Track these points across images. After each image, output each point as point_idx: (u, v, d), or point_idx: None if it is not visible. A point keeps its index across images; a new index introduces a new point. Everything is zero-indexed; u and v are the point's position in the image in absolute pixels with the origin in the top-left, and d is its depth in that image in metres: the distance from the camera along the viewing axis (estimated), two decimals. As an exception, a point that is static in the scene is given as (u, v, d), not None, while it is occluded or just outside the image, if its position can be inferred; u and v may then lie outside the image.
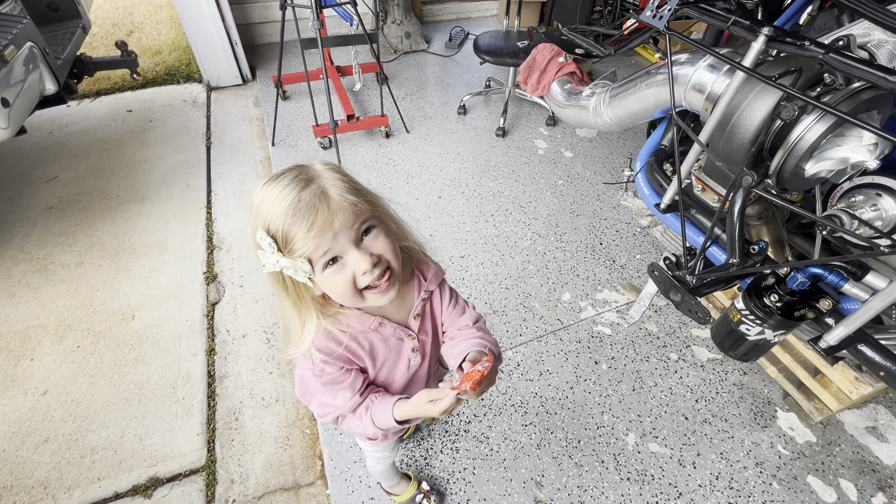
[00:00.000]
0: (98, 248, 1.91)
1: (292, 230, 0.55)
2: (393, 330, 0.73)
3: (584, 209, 2.13)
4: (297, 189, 0.55)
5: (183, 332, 1.63)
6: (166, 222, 2.01)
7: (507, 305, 1.72)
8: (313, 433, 1.40)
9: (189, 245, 1.92)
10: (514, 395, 1.47)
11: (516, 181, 2.28)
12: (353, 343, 0.70)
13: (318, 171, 0.59)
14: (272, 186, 0.56)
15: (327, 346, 0.69)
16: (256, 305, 1.72)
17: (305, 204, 0.55)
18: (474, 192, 2.21)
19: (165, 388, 1.49)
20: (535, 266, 1.87)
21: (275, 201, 0.55)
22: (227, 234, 1.98)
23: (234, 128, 2.56)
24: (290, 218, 0.55)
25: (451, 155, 2.41)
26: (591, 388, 1.49)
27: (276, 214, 0.55)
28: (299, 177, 0.57)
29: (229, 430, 1.40)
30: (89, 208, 2.08)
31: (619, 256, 1.92)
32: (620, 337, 1.63)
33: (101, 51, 3.15)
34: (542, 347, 1.59)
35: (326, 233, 0.56)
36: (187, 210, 2.07)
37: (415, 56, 3.26)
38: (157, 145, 2.42)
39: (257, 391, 1.49)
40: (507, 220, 2.07)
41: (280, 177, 0.57)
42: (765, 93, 0.90)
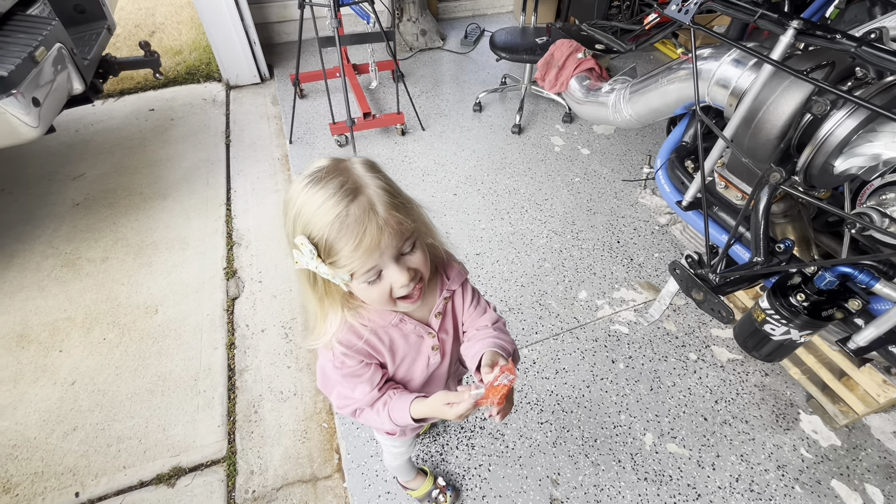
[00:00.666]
0: (122, 243, 1.96)
1: (338, 244, 0.54)
2: (413, 327, 0.73)
3: (602, 207, 2.11)
4: (344, 200, 0.53)
5: (204, 326, 1.66)
6: (187, 219, 2.05)
7: (522, 303, 1.72)
8: (331, 427, 1.42)
9: (209, 241, 1.96)
10: (530, 392, 1.46)
11: (532, 178, 2.26)
12: (374, 337, 0.71)
13: (361, 176, 0.57)
14: (316, 191, 0.54)
15: (348, 339, 0.69)
16: (275, 301, 1.75)
17: (354, 220, 0.53)
18: (490, 189, 2.20)
19: (187, 380, 1.52)
20: (551, 264, 1.86)
21: (319, 209, 0.54)
22: (246, 231, 2.01)
23: (253, 126, 2.60)
24: (337, 232, 0.54)
25: (467, 152, 2.41)
26: (607, 386, 1.48)
27: (320, 224, 0.54)
28: (346, 186, 0.54)
29: (249, 422, 1.43)
30: (114, 205, 2.13)
31: (636, 254, 1.90)
32: (638, 336, 1.61)
33: (125, 51, 3.22)
34: (558, 345, 1.59)
35: (374, 253, 0.56)
36: (207, 207, 2.11)
37: (430, 53, 3.26)
38: (178, 143, 2.47)
39: (276, 385, 1.51)
40: (522, 217, 2.06)
41: (324, 181, 0.55)
42: (793, 87, 0.88)
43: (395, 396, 0.74)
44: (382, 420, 0.74)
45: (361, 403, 0.74)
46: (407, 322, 0.72)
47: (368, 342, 0.71)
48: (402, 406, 0.72)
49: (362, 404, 0.75)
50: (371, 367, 0.73)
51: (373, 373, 0.73)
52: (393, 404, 0.73)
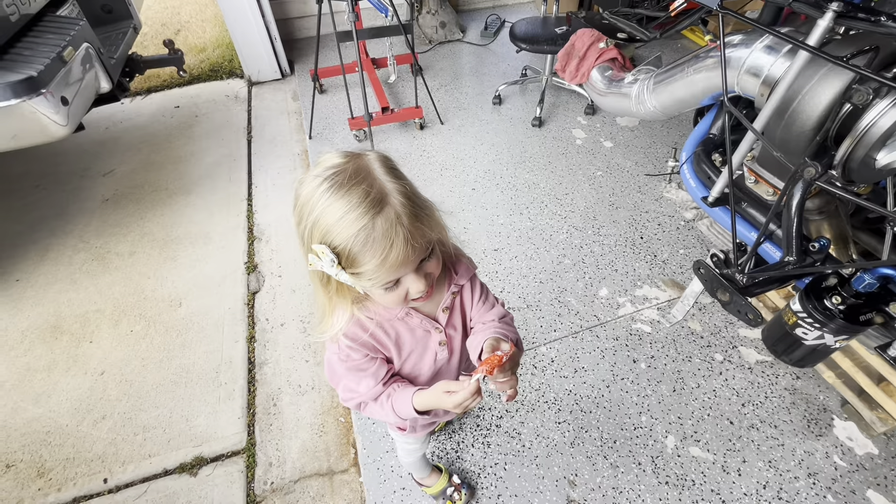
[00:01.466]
0: (149, 238, 2.02)
1: (362, 257, 0.53)
2: (420, 321, 0.72)
3: (624, 201, 2.06)
4: (369, 213, 0.51)
5: (225, 320, 1.70)
6: (210, 214, 2.10)
7: (541, 300, 1.70)
8: (347, 421, 1.43)
9: (231, 236, 1.99)
10: (548, 391, 1.44)
11: (552, 172, 2.23)
12: (379, 331, 0.71)
13: (384, 182, 0.54)
14: (337, 199, 0.51)
15: (353, 332, 0.69)
16: (294, 295, 1.77)
17: (381, 234, 0.52)
18: (509, 183, 2.17)
19: (209, 372, 1.56)
20: (571, 260, 1.83)
21: (342, 220, 0.51)
22: (267, 226, 2.04)
23: (274, 122, 2.63)
24: (362, 245, 0.52)
25: (486, 146, 2.39)
26: (628, 387, 1.44)
27: (344, 235, 0.52)
28: (371, 196, 0.52)
29: (268, 415, 1.46)
30: (141, 200, 2.19)
31: (660, 251, 1.85)
32: (661, 335, 1.57)
33: (152, 49, 3.30)
34: (578, 344, 1.56)
35: (399, 268, 0.55)
36: (230, 202, 2.15)
37: (450, 46, 3.23)
38: (202, 140, 2.52)
39: (294, 379, 1.54)
40: (542, 212, 2.03)
41: (346, 187, 0.52)
42: (831, 75, 0.82)
43: (398, 389, 0.74)
44: (386, 413, 0.74)
45: (366, 397, 0.75)
46: (413, 316, 0.72)
47: (374, 335, 0.71)
48: (404, 398, 0.72)
49: (366, 398, 0.75)
50: (376, 362, 0.73)
51: (378, 367, 0.73)
52: (396, 397, 0.73)
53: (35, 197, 2.24)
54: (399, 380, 0.77)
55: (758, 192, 1.12)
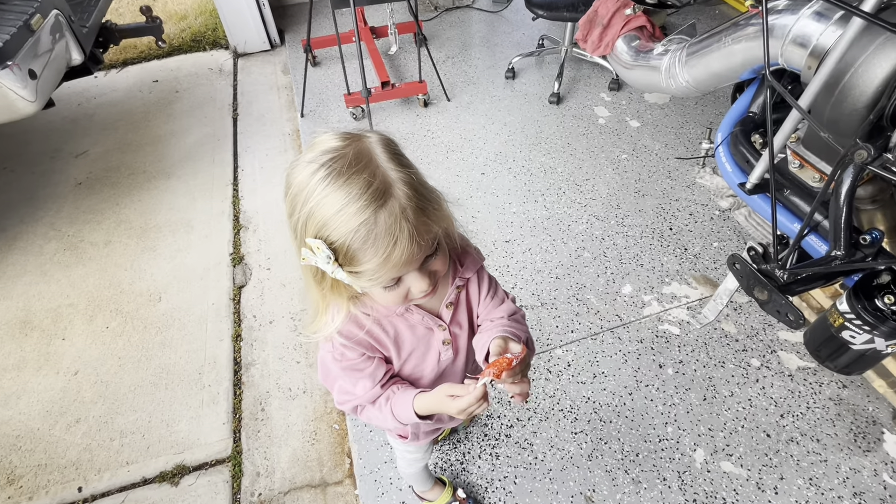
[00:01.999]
0: (125, 226, 2.04)
1: (362, 255, 0.53)
2: (421, 318, 0.72)
3: (652, 188, 2.05)
4: (371, 206, 0.51)
5: (209, 316, 1.72)
6: (192, 199, 2.11)
7: (557, 298, 1.70)
8: (342, 429, 1.45)
9: (215, 224, 2.01)
10: (563, 398, 1.45)
11: (572, 155, 2.22)
12: (377, 327, 0.71)
13: (387, 171, 0.54)
14: (336, 188, 0.51)
15: (348, 330, 0.69)
16: (284, 290, 1.78)
17: (384, 230, 0.52)
18: (523, 167, 2.17)
19: (192, 373, 1.58)
20: (591, 253, 1.83)
21: (341, 213, 0.51)
22: (254, 213, 2.05)
23: (262, 98, 2.63)
24: (362, 242, 0.52)
25: (497, 125, 2.38)
26: (653, 394, 1.44)
27: (342, 230, 0.52)
28: (374, 187, 0.52)
29: (255, 420, 1.47)
30: (117, 184, 2.21)
31: (692, 244, 1.84)
32: (691, 338, 1.57)
33: (128, 17, 3.31)
34: (597, 346, 1.56)
35: (402, 268, 0.56)
36: (213, 186, 2.16)
37: (458, 13, 3.20)
38: (183, 118, 2.53)
39: (284, 381, 1.55)
40: (559, 200, 2.02)
41: (345, 175, 0.52)
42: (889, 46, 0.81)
43: (398, 391, 0.74)
44: (385, 417, 0.74)
45: (363, 400, 0.75)
46: (414, 312, 0.72)
47: (371, 333, 0.71)
48: (405, 401, 0.72)
49: (363, 401, 0.75)
50: (373, 362, 0.73)
51: (375, 367, 0.73)
52: (396, 399, 0.73)
53: (1, 181, 2.27)
54: (399, 381, 0.78)
55: (802, 177, 1.11)
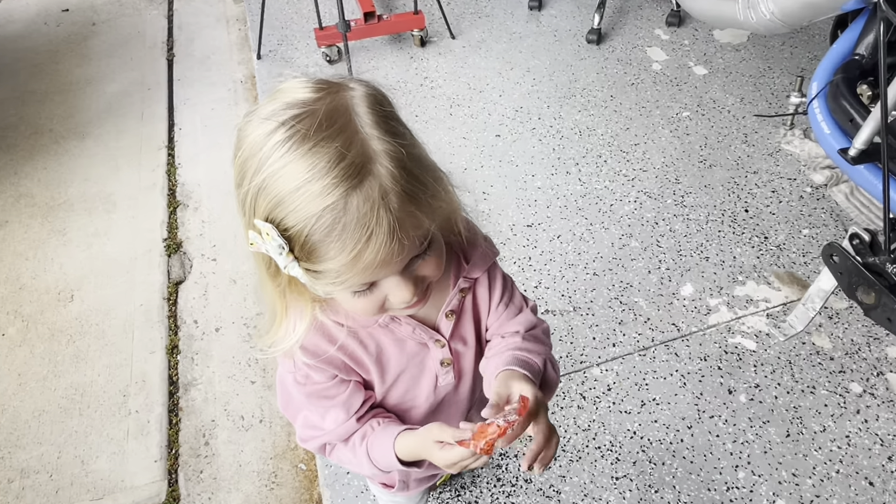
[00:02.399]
0: (27, 201, 2.03)
1: (324, 250, 0.52)
2: (411, 330, 0.71)
3: (723, 156, 2.02)
4: (341, 186, 0.50)
5: (136, 321, 1.71)
6: (114, 168, 2.09)
7: (594, 300, 1.68)
8: (310, 469, 1.44)
9: (144, 200, 1.99)
10: (602, 432, 1.44)
11: (616, 112, 2.19)
12: (353, 341, 0.70)
13: (369, 137, 0.53)
14: (297, 157, 0.51)
15: (315, 344, 0.68)
16: (234, 287, 1.77)
17: (355, 220, 0.51)
18: (551, 128, 2.14)
19: (114, 395, 1.58)
20: (640, 242, 1.80)
21: (301, 190, 0.50)
22: (196, 186, 2.03)
23: (206, 33, 2.61)
24: (325, 233, 0.51)
25: (518, 72, 2.35)
26: (719, 428, 1.43)
27: (300, 214, 0.51)
28: (348, 160, 0.51)
29: (197, 457, 1.47)
30: (15, 147, 2.20)
31: (774, 231, 1.81)
32: (771, 355, 1.55)
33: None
34: (647, 365, 1.54)
35: (378, 271, 0.55)
36: (142, 151, 2.14)
37: (467, -78, 3.15)
38: (101, 59, 2.51)
39: (235, 407, 1.55)
40: (599, 171, 2.00)
41: (311, 140, 0.51)
42: None
43: (378, 428, 0.73)
44: (360, 461, 0.73)
45: (333, 437, 0.74)
46: (402, 322, 0.70)
47: (345, 348, 0.69)
48: (384, 442, 0.71)
49: (334, 438, 0.74)
50: (348, 387, 0.72)
51: (350, 394, 0.72)
52: (374, 439, 0.72)
53: None
54: (382, 414, 0.76)
55: (927, 142, 1.08)
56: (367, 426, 0.74)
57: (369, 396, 0.75)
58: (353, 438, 0.74)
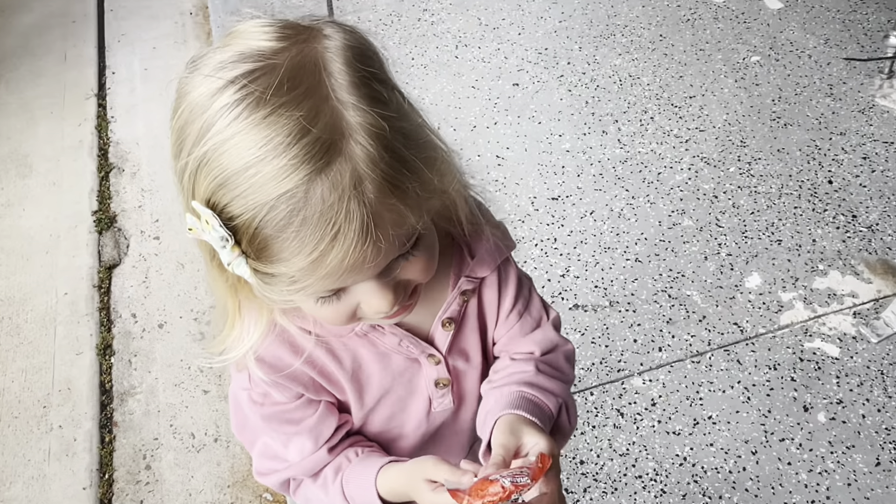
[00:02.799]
0: (-83, 163, 2.04)
1: (280, 248, 0.52)
2: (397, 342, 0.72)
3: (801, 114, 2.04)
4: (303, 167, 0.50)
5: (58, 315, 1.72)
6: (30, 121, 2.10)
7: (636, 294, 1.70)
8: (277, 500, 1.47)
9: (68, 163, 2.00)
10: (643, 458, 1.47)
11: (666, 56, 2.20)
12: (323, 353, 0.70)
13: (341, 106, 0.52)
14: (251, 126, 0.50)
15: (275, 356, 0.69)
16: (182, 273, 1.79)
17: (317, 215, 0.51)
18: (583, 76, 2.15)
19: (31, 406, 1.59)
20: (694, 221, 1.82)
21: (252, 171, 0.50)
22: (133, 146, 2.04)
23: (145, -50, 2.60)
24: (280, 227, 0.51)
25: (541, 4, 2.35)
26: (791, 454, 1.46)
27: (251, 200, 0.51)
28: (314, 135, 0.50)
29: (136, 484, 1.49)
30: None
31: (865, 208, 1.83)
32: (858, 363, 1.58)
33: None
34: (701, 375, 1.57)
35: (345, 277, 0.55)
36: (65, 101, 2.15)
37: None
38: (12, -18, 2.51)
39: (183, 422, 1.57)
40: (643, 131, 2.01)
41: (268, 106, 0.50)
42: None
43: (355, 459, 0.74)
44: (332, 501, 0.74)
45: (298, 471, 0.75)
46: (386, 333, 0.71)
47: (312, 362, 0.70)
48: (364, 475, 0.72)
49: (300, 472, 0.76)
50: (317, 409, 0.73)
51: (320, 418, 0.73)
52: (350, 472, 0.73)
53: None
54: (361, 442, 0.78)
55: None
56: (342, 458, 0.75)
57: (344, 421, 0.76)
58: (325, 473, 0.75)
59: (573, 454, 1.47)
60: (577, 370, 1.59)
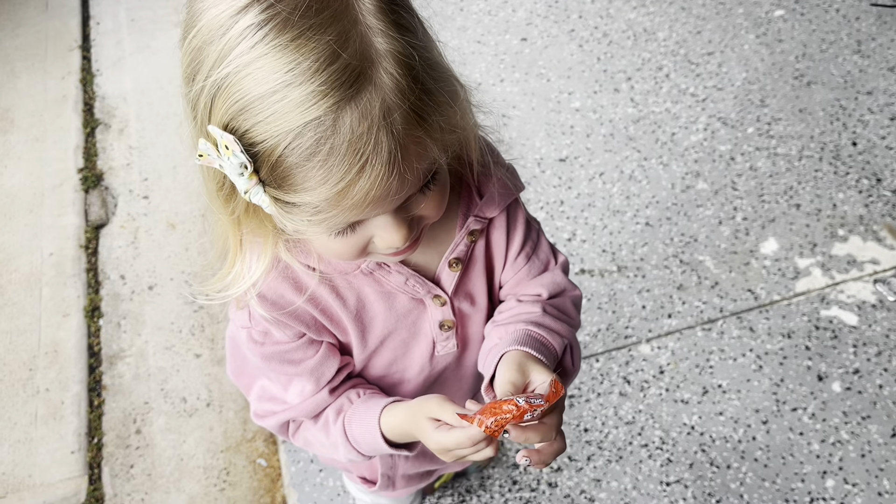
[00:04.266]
0: None
1: (303, 177, 0.53)
2: (403, 280, 0.73)
3: (826, 71, 2.03)
4: (331, 95, 0.50)
5: (44, 276, 1.75)
6: (10, 74, 2.10)
7: (646, 258, 1.71)
8: (272, 466, 1.49)
9: (52, 118, 2.01)
10: (649, 426, 1.48)
11: (683, 10, 2.18)
12: (326, 291, 0.72)
13: (370, 34, 0.53)
14: (276, 49, 0.50)
15: (277, 293, 0.70)
16: (173, 234, 1.80)
17: (346, 144, 0.51)
18: (595, 30, 2.15)
19: (17, 369, 1.62)
20: (709, 184, 1.83)
21: (277, 96, 0.50)
22: (120, 101, 2.05)
23: None
24: (306, 156, 0.52)
25: (553, -46, 2.34)
26: (804, 424, 1.47)
27: (275, 127, 0.51)
28: (342, 62, 0.50)
29: (126, 448, 1.52)
30: None
31: (891, 171, 1.83)
32: (877, 332, 1.58)
33: None
34: (712, 342, 1.58)
35: (367, 210, 0.56)
36: (47, 52, 2.15)
37: None
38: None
39: (175, 386, 1.59)
40: (658, 89, 2.01)
41: (295, 29, 0.50)
42: None
43: (357, 400, 0.76)
44: (334, 443, 0.76)
45: (299, 412, 0.77)
46: (392, 271, 0.73)
47: (315, 300, 0.72)
48: (367, 415, 0.73)
49: (300, 414, 0.77)
50: (319, 349, 0.75)
51: (322, 358, 0.75)
52: (353, 413, 0.75)
53: None
54: (363, 385, 0.79)
55: None
56: (344, 399, 0.77)
57: (346, 363, 0.77)
58: (326, 414, 0.77)
59: (577, 421, 1.49)
60: (583, 336, 1.61)
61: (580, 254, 1.73)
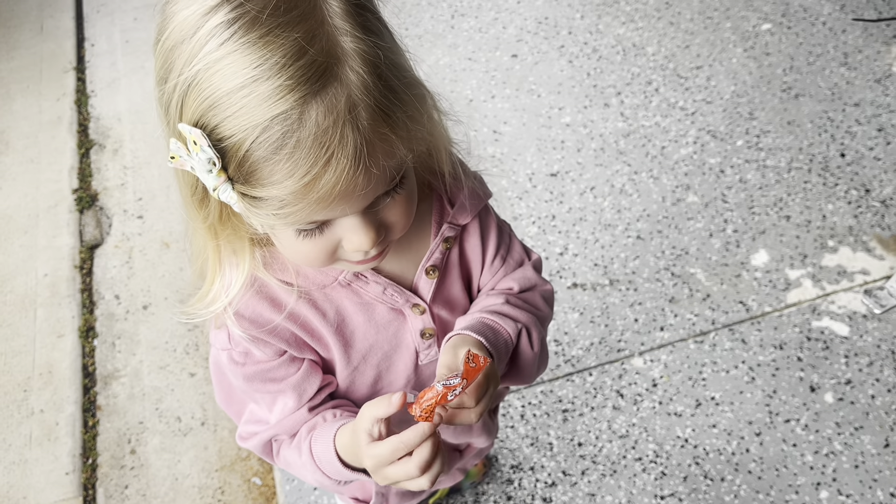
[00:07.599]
0: None
1: (271, 170, 0.54)
2: (381, 290, 0.74)
3: (813, 84, 2.04)
4: (298, 90, 0.51)
5: (39, 296, 1.75)
6: (5, 96, 2.11)
7: (637, 272, 1.72)
8: (266, 485, 1.49)
9: (46, 139, 2.02)
10: (643, 440, 1.48)
11: (672, 25, 2.20)
12: (305, 306, 0.72)
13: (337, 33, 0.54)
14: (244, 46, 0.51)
15: (255, 311, 0.70)
16: (167, 253, 1.81)
17: (312, 137, 0.52)
18: (585, 45, 2.16)
19: (11, 390, 1.62)
20: (699, 196, 1.83)
21: (245, 91, 0.51)
22: (114, 121, 2.06)
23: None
24: (272, 149, 0.52)
25: (542, -29, 2.35)
26: (797, 436, 1.47)
27: (242, 121, 0.52)
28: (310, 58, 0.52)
29: (121, 469, 1.52)
30: None
31: (879, 182, 1.84)
32: (868, 343, 1.59)
33: None
34: (704, 354, 1.59)
35: (334, 206, 0.56)
36: (42, 74, 2.16)
37: None
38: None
39: (169, 405, 1.59)
40: (647, 103, 2.02)
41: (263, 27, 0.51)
42: None
43: (330, 420, 0.76)
44: (304, 463, 0.76)
45: (278, 430, 0.77)
46: (370, 280, 0.73)
47: (295, 316, 0.72)
48: (326, 435, 0.73)
49: (279, 431, 0.77)
50: (301, 366, 0.75)
51: (304, 375, 0.75)
52: (320, 432, 0.74)
53: None
54: (345, 405, 0.79)
55: None
56: (319, 417, 0.76)
57: (327, 382, 0.78)
58: (300, 433, 0.76)
59: (571, 436, 1.49)
60: (576, 350, 1.61)
61: (572, 268, 1.73)
